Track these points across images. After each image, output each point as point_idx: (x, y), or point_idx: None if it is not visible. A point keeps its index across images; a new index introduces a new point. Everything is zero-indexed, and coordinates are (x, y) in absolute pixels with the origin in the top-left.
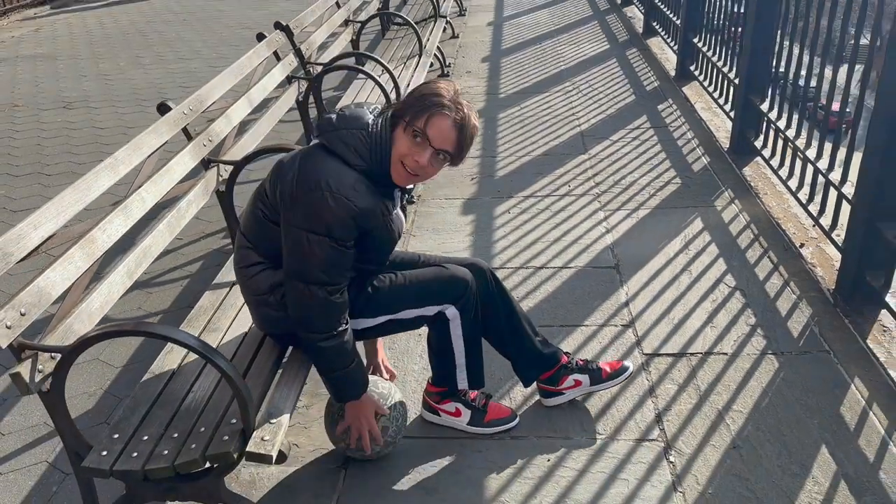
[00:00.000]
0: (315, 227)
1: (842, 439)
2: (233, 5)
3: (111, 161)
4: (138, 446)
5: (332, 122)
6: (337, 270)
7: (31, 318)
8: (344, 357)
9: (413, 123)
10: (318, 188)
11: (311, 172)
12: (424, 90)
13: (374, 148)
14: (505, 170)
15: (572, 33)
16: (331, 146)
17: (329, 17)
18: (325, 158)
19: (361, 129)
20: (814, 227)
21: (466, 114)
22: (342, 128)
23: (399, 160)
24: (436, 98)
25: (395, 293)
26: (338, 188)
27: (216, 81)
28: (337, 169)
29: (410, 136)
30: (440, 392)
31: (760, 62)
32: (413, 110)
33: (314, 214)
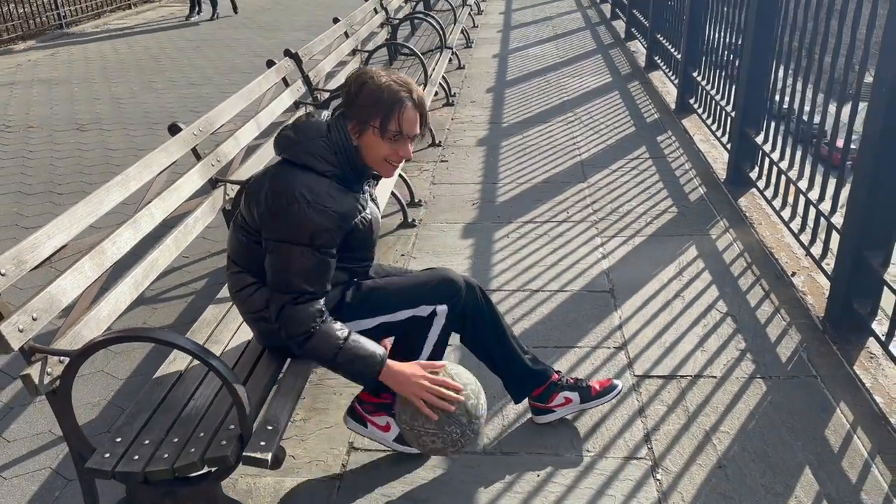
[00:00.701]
0: (297, 238)
1: (825, 461)
2: (245, 34)
3: (122, 177)
4: (139, 450)
5: (290, 137)
6: (319, 279)
7: (42, 323)
8: (332, 343)
9: (387, 127)
10: (295, 201)
11: (284, 187)
12: (373, 88)
13: (338, 152)
14: (505, 196)
15: (576, 66)
16: (297, 160)
17: (337, 47)
18: (294, 171)
19: (321, 137)
20: (805, 257)
21: (414, 89)
22: (303, 140)
23: (383, 161)
24: (391, 94)
25: (391, 293)
26: (314, 198)
27: (226, 104)
28: (308, 179)
29: (389, 140)
30: (376, 403)
31: (756, 96)
32: (378, 114)
33: (295, 226)
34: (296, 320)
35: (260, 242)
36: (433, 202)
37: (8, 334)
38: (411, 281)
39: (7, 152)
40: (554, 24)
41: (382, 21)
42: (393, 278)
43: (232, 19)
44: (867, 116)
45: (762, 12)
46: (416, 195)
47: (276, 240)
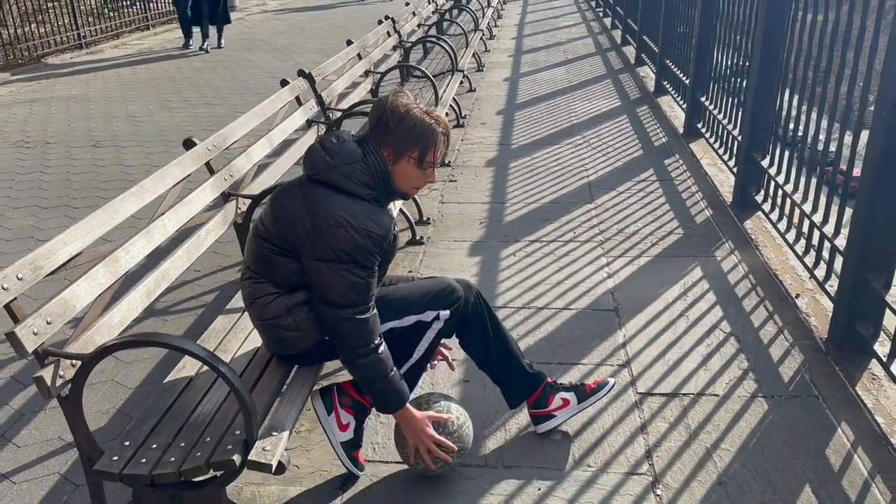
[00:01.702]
0: (341, 258)
1: (826, 480)
2: (261, 56)
3: (137, 189)
4: (147, 453)
5: (326, 161)
6: (365, 291)
7: (56, 327)
8: (382, 368)
9: (424, 160)
10: (339, 225)
11: (326, 211)
12: (412, 122)
13: (376, 177)
14: (513, 216)
15: (586, 90)
16: (335, 183)
17: (350, 68)
18: (333, 195)
19: (358, 161)
20: (810, 279)
21: (444, 121)
22: (340, 164)
23: (413, 186)
24: (428, 128)
25: (399, 300)
26: (358, 223)
27: (240, 121)
28: (347, 203)
29: (425, 169)
30: (355, 400)
31: (762, 120)
32: (417, 147)
33: (339, 249)
34: (359, 331)
35: (285, 255)
36: (441, 220)
37: (23, 337)
38: (416, 288)
39: (25, 167)
40: (565, 49)
41: (395, 44)
42: (399, 286)
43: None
44: (868, 141)
45: (768, 38)
46: (425, 213)
47: (322, 259)
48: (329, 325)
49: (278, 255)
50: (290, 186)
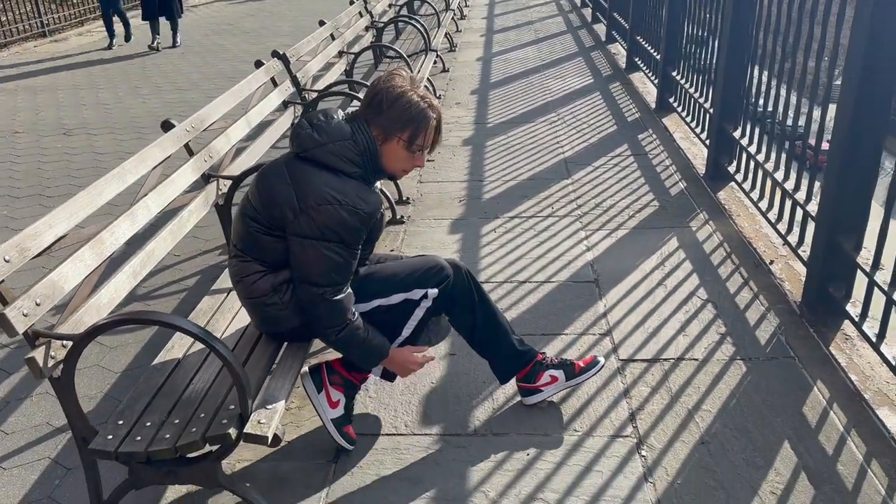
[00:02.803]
0: (328, 237)
1: (804, 435)
2: (230, 39)
3: (119, 171)
4: (142, 431)
5: (314, 138)
6: (348, 271)
7: (44, 309)
8: (358, 336)
9: (414, 142)
10: (327, 202)
11: (313, 188)
12: (405, 104)
13: (364, 155)
14: (491, 193)
15: (559, 68)
16: (323, 160)
17: (324, 49)
18: (320, 172)
19: (346, 139)
20: (783, 246)
21: (436, 105)
22: (328, 142)
23: (400, 167)
24: (421, 111)
25: (387, 277)
26: (346, 200)
27: (217, 103)
28: (337, 181)
29: (411, 152)
30: (344, 378)
31: (733, 92)
32: (407, 129)
33: (326, 226)
34: (334, 312)
35: (272, 234)
36: (420, 200)
37: (13, 318)
38: (404, 266)
39: None
40: (536, 28)
41: (367, 24)
42: (387, 264)
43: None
44: (838, 106)
45: (737, 11)
46: (404, 193)
47: (307, 237)
48: (305, 304)
49: (265, 234)
50: (276, 164)
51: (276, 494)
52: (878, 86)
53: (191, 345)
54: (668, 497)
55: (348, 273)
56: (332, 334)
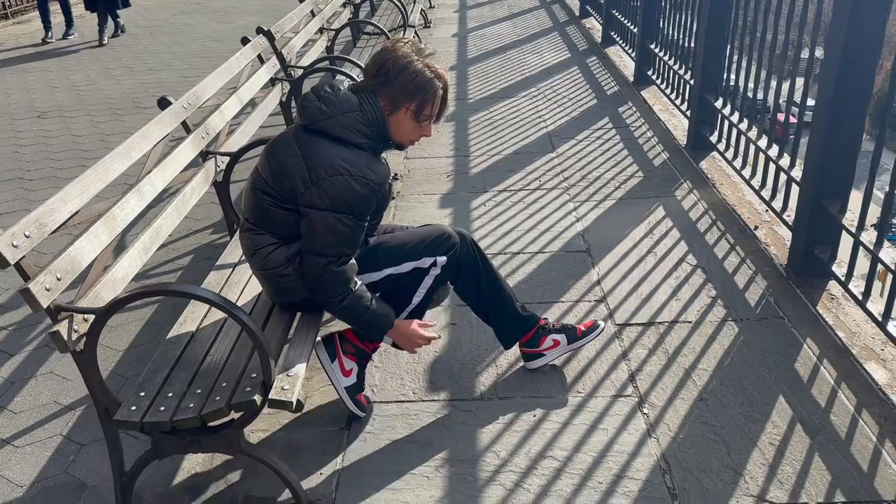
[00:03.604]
0: (338, 208)
1: (797, 389)
2: (199, 19)
3: (124, 148)
4: (164, 402)
5: (322, 110)
6: (355, 242)
7: (65, 284)
8: (361, 305)
9: (422, 112)
10: (338, 173)
11: (323, 160)
12: (413, 73)
13: (372, 126)
14: (478, 167)
15: (534, 43)
16: (331, 132)
17: (305, 25)
18: (329, 144)
19: (355, 110)
20: (766, 212)
21: (444, 75)
22: (337, 113)
23: (407, 138)
24: (429, 81)
25: (396, 247)
26: (356, 171)
27: (209, 79)
28: (345, 152)
29: (419, 122)
30: (357, 347)
31: (713, 63)
32: (415, 98)
33: (338, 197)
34: (337, 281)
35: (284, 206)
36: (408, 176)
37: (37, 293)
38: (413, 235)
39: None
40: (509, 3)
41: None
42: (395, 234)
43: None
44: (821, 71)
45: None
46: (392, 169)
47: (316, 208)
48: (310, 273)
49: (276, 206)
50: (284, 138)
51: (293, 461)
52: (862, 49)
53: (203, 318)
54: (672, 451)
55: (356, 243)
56: (335, 303)
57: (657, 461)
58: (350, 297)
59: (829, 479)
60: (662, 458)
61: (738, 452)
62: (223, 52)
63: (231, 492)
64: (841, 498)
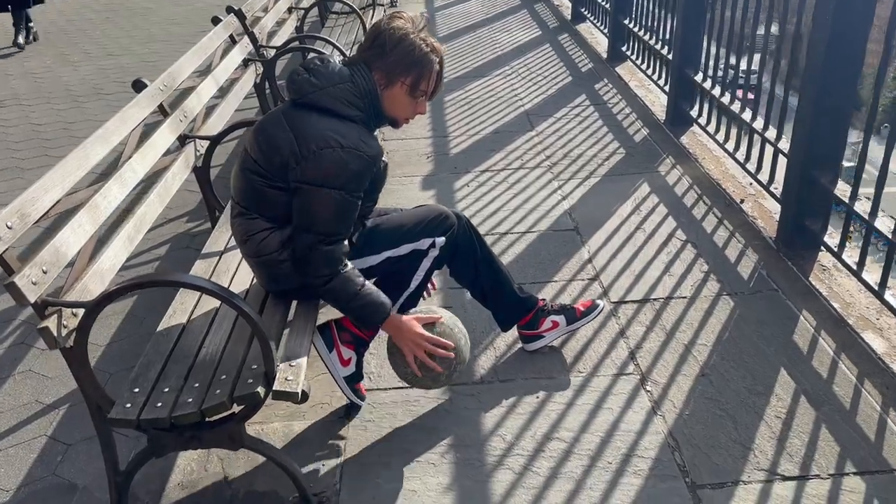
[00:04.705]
0: (330, 182)
1: (797, 362)
2: (157, 2)
3: (103, 132)
4: (161, 397)
5: (312, 82)
6: (348, 220)
7: (51, 276)
8: (349, 288)
9: (418, 87)
10: (329, 146)
11: (314, 133)
12: (409, 46)
13: (364, 98)
14: (458, 148)
15: (504, 21)
16: (322, 104)
17: (275, 4)
18: (320, 117)
19: (346, 82)
20: (750, 185)
21: (439, 50)
22: (327, 85)
23: (401, 114)
24: (425, 55)
25: (394, 228)
26: (348, 143)
27: (183, 61)
28: (337, 125)
29: (414, 97)
30: (354, 335)
31: (692, 36)
32: (410, 72)
33: (329, 170)
34: (325, 260)
35: (276, 186)
36: (388, 157)
37: (23, 287)
38: (410, 216)
39: None
40: None
41: None
42: (391, 216)
43: None
44: (810, 42)
45: None
46: None
47: (308, 183)
48: (300, 251)
49: (269, 187)
50: (273, 114)
51: (295, 453)
52: (852, 19)
53: (193, 308)
54: (679, 427)
55: (349, 222)
56: (320, 283)
57: (665, 438)
58: (338, 279)
59: (837, 450)
60: (670, 435)
61: (745, 427)
62: (184, 35)
63: (231, 488)
64: (852, 469)
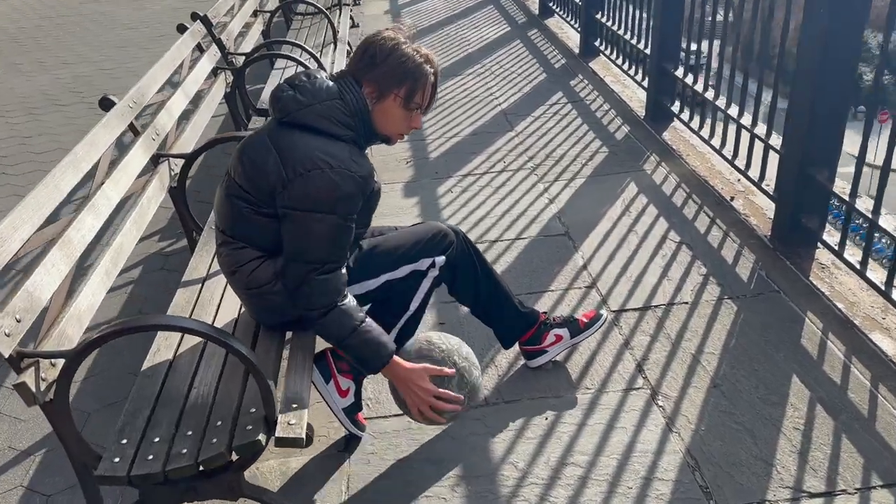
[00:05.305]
0: (319, 207)
1: (809, 368)
2: (110, 7)
3: (72, 158)
4: (151, 448)
5: (298, 100)
6: (341, 246)
7: (27, 325)
8: (347, 323)
9: (412, 99)
10: (317, 167)
11: (301, 154)
12: (401, 56)
13: (355, 116)
14: (437, 151)
15: (471, 18)
16: (310, 123)
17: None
18: (306, 136)
19: (335, 98)
20: (739, 181)
21: (433, 60)
22: (314, 102)
23: (395, 130)
24: (419, 65)
25: (391, 250)
26: (338, 164)
27: (151, 74)
28: (326, 144)
29: (408, 110)
30: (352, 364)
31: (671, 31)
32: (404, 84)
33: (318, 195)
34: (320, 291)
35: (264, 213)
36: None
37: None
38: (407, 236)
39: None
40: None
41: None
42: (387, 236)
43: None
44: (801, 38)
45: None
46: None
47: (297, 208)
48: (293, 282)
49: (257, 214)
50: (257, 135)
51: (295, 493)
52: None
53: (178, 344)
54: (697, 445)
55: (344, 247)
56: (315, 316)
57: (683, 458)
58: (335, 311)
59: (861, 462)
60: (688, 453)
61: (765, 441)
62: (140, 41)
63: None
64: (878, 481)
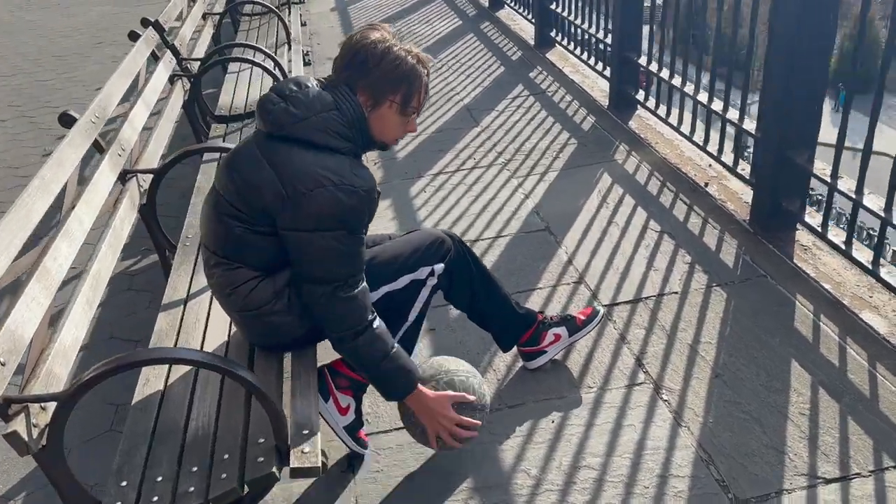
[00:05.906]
0: (326, 225)
1: (805, 351)
2: (41, 15)
3: (39, 181)
4: (155, 489)
5: (290, 112)
6: (358, 261)
7: (12, 368)
8: (382, 346)
9: (409, 104)
10: (320, 185)
11: (301, 172)
12: (395, 60)
13: (353, 126)
14: (404, 151)
15: (420, 12)
16: (306, 137)
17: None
18: (305, 152)
19: (331, 109)
20: (710, 167)
21: (425, 60)
22: (310, 115)
23: (392, 135)
24: (413, 68)
25: (389, 261)
26: (340, 179)
27: (110, 86)
28: (325, 159)
29: (405, 115)
30: (351, 379)
31: (632, 19)
32: (400, 89)
33: (325, 212)
34: (349, 309)
35: (259, 231)
36: None
37: None
38: (404, 245)
39: None
40: None
41: None
42: (384, 246)
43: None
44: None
45: None
46: None
47: (304, 229)
48: (317, 306)
49: (252, 232)
50: (246, 149)
51: None
52: None
53: (167, 374)
54: (707, 438)
55: (361, 258)
56: (348, 339)
57: (696, 452)
58: (368, 334)
59: (870, 443)
60: (700, 447)
61: (773, 429)
62: (77, 49)
63: None
64: (890, 462)
